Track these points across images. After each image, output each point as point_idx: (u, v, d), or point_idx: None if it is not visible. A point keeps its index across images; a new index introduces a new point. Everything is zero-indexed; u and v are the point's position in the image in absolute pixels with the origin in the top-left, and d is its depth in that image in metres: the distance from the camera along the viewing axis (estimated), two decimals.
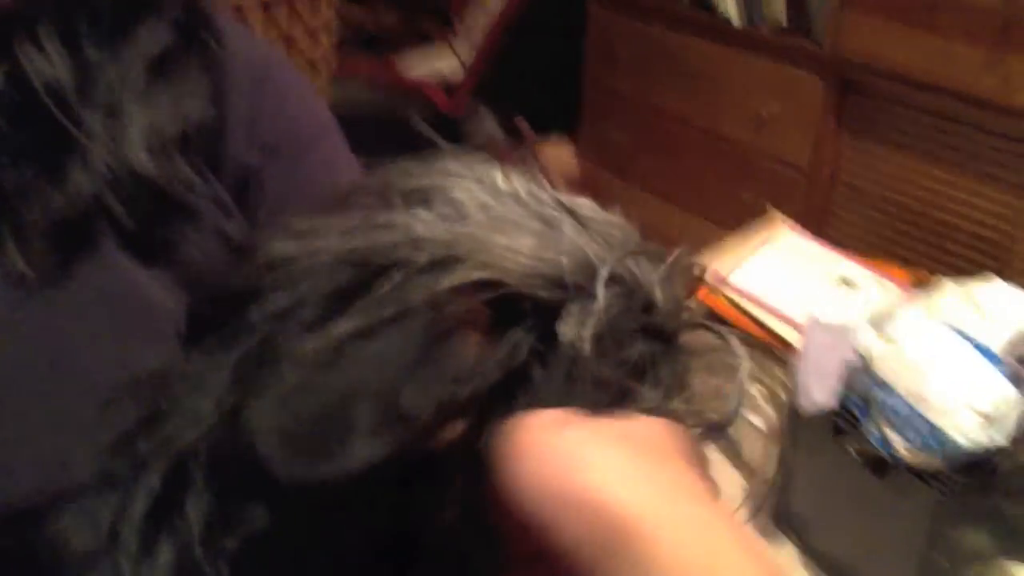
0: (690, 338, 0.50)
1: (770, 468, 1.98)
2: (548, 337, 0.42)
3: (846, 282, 2.14)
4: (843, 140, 2.40)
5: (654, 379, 0.46)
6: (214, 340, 0.44)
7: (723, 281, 2.17)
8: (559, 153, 3.54)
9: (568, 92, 3.37)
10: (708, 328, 0.50)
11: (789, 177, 2.54)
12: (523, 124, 3.79)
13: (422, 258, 0.40)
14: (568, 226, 0.44)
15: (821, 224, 2.46)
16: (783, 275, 2.18)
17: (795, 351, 1.86)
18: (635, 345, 0.44)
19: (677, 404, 0.48)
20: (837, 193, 2.45)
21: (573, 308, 0.42)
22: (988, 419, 1.43)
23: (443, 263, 0.41)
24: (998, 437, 1.43)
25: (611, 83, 3.07)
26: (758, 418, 2.06)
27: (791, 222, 2.37)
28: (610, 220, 0.48)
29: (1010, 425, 1.44)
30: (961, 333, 1.56)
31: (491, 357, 0.41)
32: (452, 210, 0.43)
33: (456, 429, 0.42)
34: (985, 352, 1.51)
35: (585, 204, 0.47)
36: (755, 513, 1.98)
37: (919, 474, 1.54)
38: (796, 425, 1.87)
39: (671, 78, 2.80)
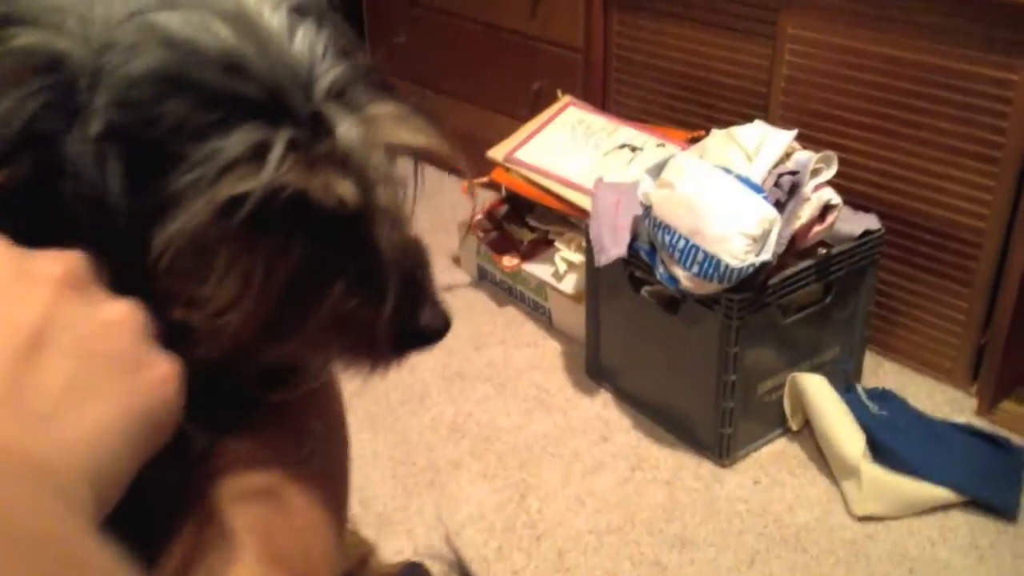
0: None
1: (581, 328, 2.11)
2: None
3: (630, 148, 2.26)
4: (612, 15, 2.52)
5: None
6: None
7: (514, 159, 2.26)
8: None
9: (349, 2, 3.34)
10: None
11: (569, 58, 2.65)
12: None
13: None
14: None
15: (604, 98, 2.58)
16: (570, 148, 2.28)
17: (589, 214, 1.97)
18: (171, 102, 0.42)
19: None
20: (613, 67, 2.58)
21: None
22: (755, 240, 1.57)
23: None
24: (765, 255, 1.58)
25: None
26: (565, 284, 2.18)
27: (576, 100, 2.47)
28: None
29: (773, 243, 1.59)
30: (726, 169, 1.69)
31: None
32: None
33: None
34: (747, 183, 1.65)
35: None
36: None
37: (705, 303, 1.69)
38: (596, 281, 1.99)
39: None
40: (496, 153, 2.29)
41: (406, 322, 0.50)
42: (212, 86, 0.42)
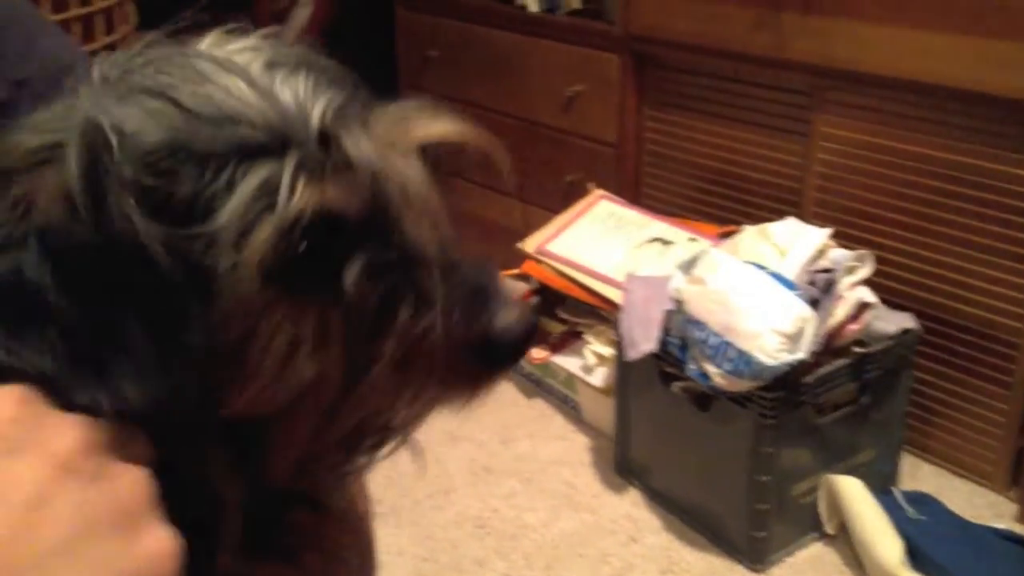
0: None
1: (610, 423, 2.08)
2: None
3: (661, 241, 2.26)
4: (644, 112, 2.55)
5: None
6: None
7: (545, 251, 2.26)
8: None
9: (386, 98, 3.40)
10: None
11: (601, 152, 2.67)
12: None
13: None
14: None
15: (636, 193, 2.60)
16: (602, 241, 2.29)
17: (619, 308, 1.96)
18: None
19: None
20: (646, 162, 2.60)
21: None
22: (789, 338, 1.55)
23: None
24: (799, 353, 1.56)
25: (426, 83, 3.14)
26: (595, 378, 2.15)
27: (608, 194, 2.48)
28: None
29: (808, 341, 1.56)
30: (760, 266, 1.68)
31: None
32: None
33: None
34: (782, 280, 1.64)
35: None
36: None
37: (738, 400, 1.66)
38: (626, 376, 1.97)
39: (480, 71, 2.90)
40: (527, 245, 2.30)
41: (482, 331, 0.46)
42: (218, 145, 0.42)
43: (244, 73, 0.45)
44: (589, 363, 2.16)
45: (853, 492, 1.74)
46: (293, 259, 0.42)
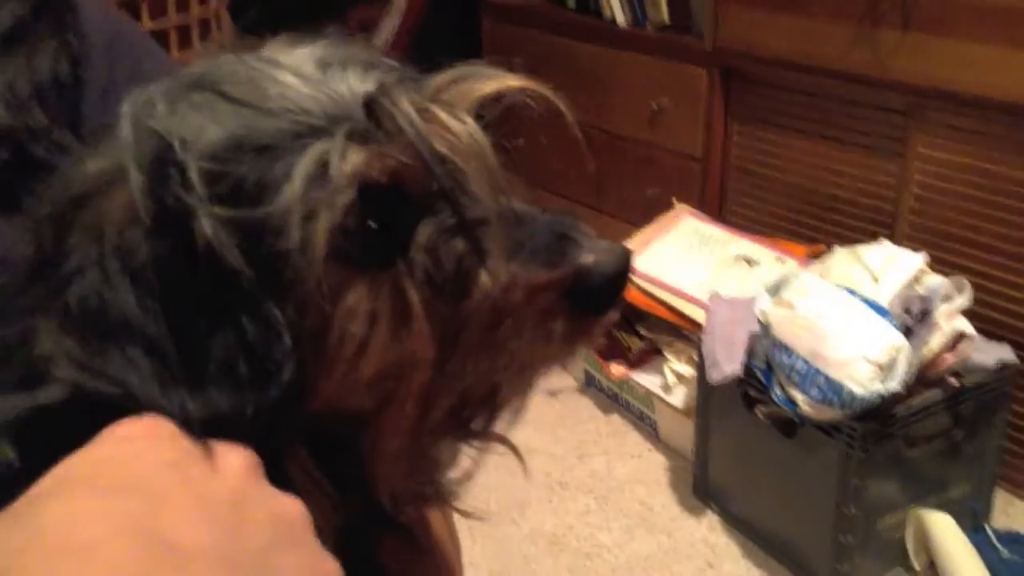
0: None
1: (688, 444, 2.04)
2: None
3: (746, 260, 2.22)
4: (732, 127, 2.51)
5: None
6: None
7: None
8: None
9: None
10: None
11: (686, 167, 2.64)
12: None
13: None
14: None
15: (720, 209, 2.56)
16: (686, 258, 2.25)
17: (702, 328, 1.92)
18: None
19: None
20: (732, 178, 2.56)
21: None
22: (881, 368, 1.50)
23: None
24: (892, 384, 1.51)
25: None
26: (674, 397, 2.12)
27: (692, 209, 2.44)
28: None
29: (902, 372, 1.51)
30: (851, 291, 1.63)
31: None
32: None
33: None
34: (874, 306, 1.59)
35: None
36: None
37: (825, 429, 1.61)
38: (707, 397, 1.93)
39: (566, 82, 2.83)
40: None
41: (570, 271, 0.44)
42: (277, 134, 0.42)
43: (296, 69, 0.45)
44: (669, 382, 2.13)
45: (943, 528, 1.68)
46: (364, 237, 0.42)
